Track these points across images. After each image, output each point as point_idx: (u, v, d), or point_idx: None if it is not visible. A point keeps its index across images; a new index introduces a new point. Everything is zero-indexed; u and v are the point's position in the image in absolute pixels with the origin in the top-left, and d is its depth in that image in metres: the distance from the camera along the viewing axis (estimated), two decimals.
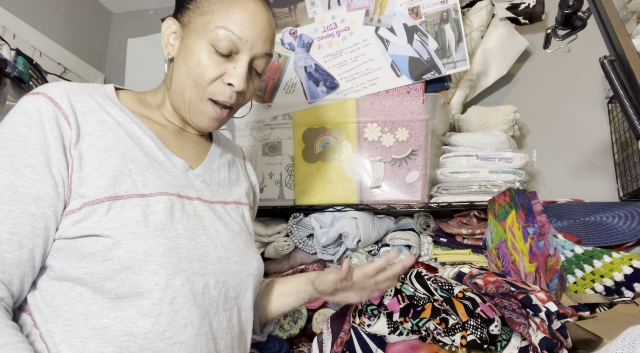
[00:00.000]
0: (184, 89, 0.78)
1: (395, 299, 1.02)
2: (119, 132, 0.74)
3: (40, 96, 0.70)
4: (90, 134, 0.71)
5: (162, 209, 0.71)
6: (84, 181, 0.69)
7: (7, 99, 1.41)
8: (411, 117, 1.38)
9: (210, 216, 0.80)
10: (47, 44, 1.89)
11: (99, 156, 0.70)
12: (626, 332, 0.68)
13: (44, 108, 0.68)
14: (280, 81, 1.52)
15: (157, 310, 0.67)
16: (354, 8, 1.43)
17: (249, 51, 0.78)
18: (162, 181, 0.74)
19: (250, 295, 0.82)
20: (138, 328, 0.66)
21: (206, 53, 0.76)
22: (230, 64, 0.77)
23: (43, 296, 0.69)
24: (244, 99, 0.83)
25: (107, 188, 0.69)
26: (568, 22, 1.01)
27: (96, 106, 0.74)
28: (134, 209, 0.69)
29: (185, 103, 0.79)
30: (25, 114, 0.68)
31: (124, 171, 0.71)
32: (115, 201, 0.68)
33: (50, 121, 0.68)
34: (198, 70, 0.76)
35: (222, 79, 0.77)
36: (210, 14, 0.76)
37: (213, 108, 0.79)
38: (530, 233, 1.25)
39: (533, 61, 1.78)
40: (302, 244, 1.46)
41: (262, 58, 0.80)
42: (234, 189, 0.91)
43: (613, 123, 1.62)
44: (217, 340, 0.74)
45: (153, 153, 0.77)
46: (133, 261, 0.66)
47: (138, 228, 0.68)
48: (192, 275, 0.71)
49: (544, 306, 0.97)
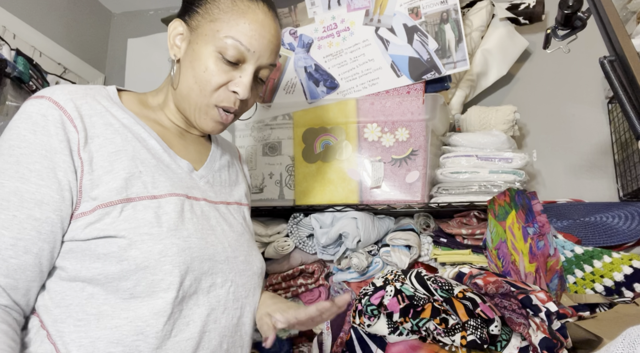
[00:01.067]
0: (189, 93, 0.79)
1: (395, 299, 1.02)
2: (126, 134, 0.75)
3: (44, 100, 0.70)
4: (98, 136, 0.72)
5: (173, 210, 0.72)
6: (95, 183, 0.69)
7: (7, 99, 1.41)
8: (411, 117, 1.38)
9: (216, 216, 0.81)
10: (47, 44, 1.89)
11: (109, 159, 0.71)
12: (626, 332, 0.68)
13: (48, 113, 0.69)
14: (280, 81, 1.52)
15: (169, 309, 0.68)
16: (354, 8, 1.43)
17: (255, 62, 0.79)
18: (170, 183, 0.75)
19: (258, 293, 0.84)
20: (149, 327, 0.67)
21: (213, 60, 0.77)
22: (237, 73, 0.78)
23: (52, 297, 0.69)
24: (247, 106, 0.84)
25: (119, 190, 0.69)
26: (568, 22, 1.01)
27: (101, 108, 0.74)
28: (146, 211, 0.69)
29: (190, 106, 0.80)
30: (30, 119, 0.68)
31: (135, 173, 0.72)
32: (128, 203, 0.69)
33: (55, 124, 0.68)
34: (205, 76, 0.77)
35: (228, 87, 0.78)
36: (219, 21, 0.77)
37: (219, 113, 0.80)
38: (530, 233, 1.25)
39: (533, 61, 1.78)
40: (302, 244, 1.46)
41: (266, 68, 0.82)
42: (235, 190, 0.92)
43: (613, 123, 1.62)
44: (224, 337, 0.75)
45: (159, 155, 0.78)
46: (149, 261, 0.67)
47: (152, 229, 0.68)
48: (201, 274, 0.72)
49: (544, 306, 0.97)
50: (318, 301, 1.46)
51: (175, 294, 0.68)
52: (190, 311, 0.71)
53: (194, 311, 0.71)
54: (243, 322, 0.79)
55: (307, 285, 1.45)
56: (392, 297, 1.03)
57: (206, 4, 0.79)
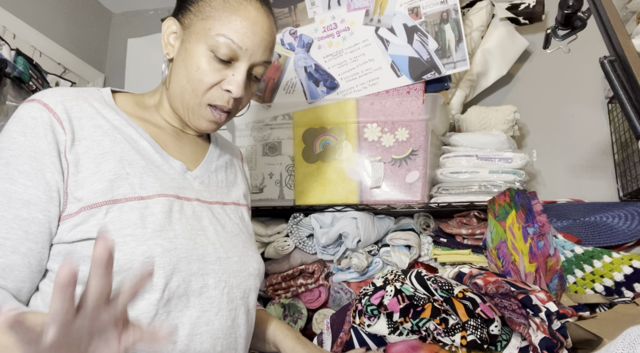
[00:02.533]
0: (182, 92, 0.78)
1: (395, 299, 1.02)
2: (115, 136, 0.74)
3: (35, 103, 0.70)
4: (86, 138, 0.72)
5: (161, 210, 0.71)
6: (80, 184, 0.69)
7: (7, 99, 1.41)
8: (411, 117, 1.38)
9: (209, 216, 0.80)
10: (47, 44, 1.89)
11: (95, 161, 0.71)
12: (626, 332, 0.68)
13: (38, 115, 0.69)
14: (280, 81, 1.52)
15: (152, 311, 0.67)
16: (354, 8, 1.43)
17: (248, 59, 0.78)
18: (160, 183, 0.75)
19: (254, 295, 0.83)
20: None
21: (206, 59, 0.76)
22: (229, 71, 0.78)
23: (43, 298, 0.69)
24: (241, 104, 0.83)
25: (104, 191, 0.69)
26: (568, 22, 1.01)
27: (92, 110, 0.74)
28: (131, 212, 0.69)
29: (183, 106, 0.80)
30: (20, 121, 0.69)
31: (121, 175, 0.71)
32: (113, 205, 0.69)
33: (44, 127, 0.69)
34: (197, 75, 0.76)
35: (221, 85, 0.78)
36: (211, 19, 0.76)
37: (212, 113, 0.80)
38: (530, 233, 1.25)
39: (533, 61, 1.78)
40: (302, 244, 1.46)
41: (261, 65, 0.81)
42: (232, 190, 0.91)
43: (613, 123, 1.62)
44: (217, 339, 0.74)
45: (150, 156, 0.77)
46: (132, 262, 0.67)
47: (136, 230, 0.68)
48: (190, 275, 0.71)
49: (544, 306, 0.97)
50: (318, 301, 1.46)
51: (160, 295, 0.67)
52: (179, 313, 0.70)
53: (184, 313, 0.70)
54: (238, 323, 0.78)
55: (307, 285, 1.45)
56: (392, 297, 1.03)
57: (199, 2, 0.78)
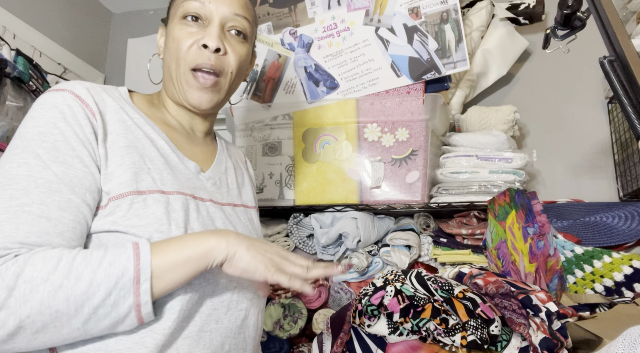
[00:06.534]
0: (169, 70, 0.82)
1: (395, 299, 1.02)
2: (137, 132, 0.75)
3: (66, 92, 0.70)
4: (112, 132, 0.72)
5: (181, 208, 0.72)
6: (108, 178, 0.69)
7: (7, 99, 1.41)
8: (411, 117, 1.38)
9: (221, 217, 0.81)
10: (47, 44, 1.89)
11: (120, 153, 0.71)
12: (626, 332, 0.68)
13: (73, 104, 0.69)
14: (280, 81, 1.52)
15: (177, 306, 0.68)
16: (354, 8, 1.43)
17: (217, 14, 0.81)
18: (177, 182, 0.76)
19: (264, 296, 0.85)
20: (158, 323, 0.67)
21: (179, 27, 0.81)
22: (203, 30, 0.81)
23: None
24: (228, 64, 0.83)
25: (129, 183, 0.69)
26: (567, 22, 1.01)
27: (116, 106, 0.76)
28: (156, 205, 0.69)
29: (173, 83, 0.82)
30: (56, 108, 0.68)
31: (144, 169, 0.72)
32: (138, 195, 0.69)
33: (82, 116, 0.69)
34: (175, 45, 0.80)
35: (197, 44, 0.80)
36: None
37: (197, 78, 0.81)
38: (530, 233, 1.25)
39: (533, 61, 1.78)
40: (302, 244, 1.46)
41: (234, 19, 0.82)
42: (242, 193, 0.93)
43: (613, 123, 1.62)
44: (226, 338, 0.75)
45: (167, 155, 0.78)
46: None
47: (162, 227, 0.68)
48: (206, 273, 0.72)
49: (544, 306, 0.97)
50: (318, 301, 1.46)
51: (182, 291, 0.69)
52: (193, 310, 0.71)
53: (196, 309, 0.71)
54: (247, 324, 0.79)
55: None
56: (392, 297, 1.03)
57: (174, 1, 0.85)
